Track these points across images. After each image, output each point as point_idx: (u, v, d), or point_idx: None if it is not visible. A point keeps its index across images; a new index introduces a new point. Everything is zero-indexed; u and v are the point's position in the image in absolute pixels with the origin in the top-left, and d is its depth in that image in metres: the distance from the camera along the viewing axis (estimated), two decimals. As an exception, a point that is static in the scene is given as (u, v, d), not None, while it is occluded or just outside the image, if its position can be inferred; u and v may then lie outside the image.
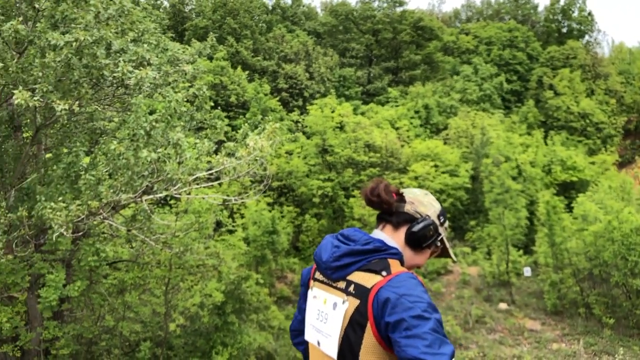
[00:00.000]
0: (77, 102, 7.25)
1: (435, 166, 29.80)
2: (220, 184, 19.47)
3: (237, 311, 13.37)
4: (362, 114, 35.46)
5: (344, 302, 1.96)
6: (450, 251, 2.25)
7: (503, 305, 22.34)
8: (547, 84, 43.28)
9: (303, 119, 31.52)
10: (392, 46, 46.64)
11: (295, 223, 26.08)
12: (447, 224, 2.24)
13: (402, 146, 31.24)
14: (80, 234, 9.50)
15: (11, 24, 6.58)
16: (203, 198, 9.86)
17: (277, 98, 33.99)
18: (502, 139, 31.96)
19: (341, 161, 27.79)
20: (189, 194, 10.28)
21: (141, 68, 7.25)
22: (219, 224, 16.82)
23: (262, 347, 14.77)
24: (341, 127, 29.64)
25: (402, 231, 2.12)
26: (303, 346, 2.35)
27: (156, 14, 17.92)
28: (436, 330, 1.77)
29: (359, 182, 27.16)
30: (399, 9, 48.57)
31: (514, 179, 27.18)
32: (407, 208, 2.14)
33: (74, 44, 6.69)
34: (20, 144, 9.55)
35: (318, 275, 2.13)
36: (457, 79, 43.19)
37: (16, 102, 6.54)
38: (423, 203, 2.18)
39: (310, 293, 2.16)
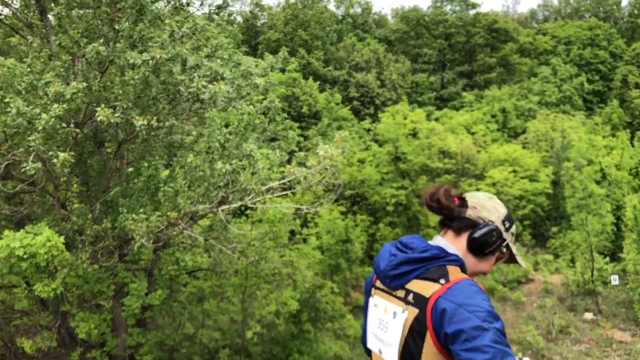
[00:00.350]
0: (155, 118, 7.57)
1: (514, 171, 28.87)
2: (294, 194, 19.73)
3: (312, 320, 13.45)
4: (436, 119, 34.96)
5: (403, 311, 1.92)
6: (518, 257, 2.17)
7: (589, 315, 21.28)
8: (633, 82, 41.13)
9: (375, 127, 31.42)
10: (466, 50, 45.78)
11: (369, 232, 25.98)
12: (513, 229, 2.16)
13: (479, 151, 30.51)
14: (160, 244, 9.87)
15: (93, 46, 6.97)
16: (277, 207, 10.03)
17: (349, 107, 34.09)
18: (584, 142, 30.59)
19: (415, 168, 27.47)
20: (264, 203, 10.47)
21: (214, 83, 7.48)
22: (293, 233, 17.02)
23: (338, 356, 14.76)
24: (414, 134, 29.32)
25: (464, 237, 2.05)
26: None
27: (230, 29, 18.44)
28: (497, 341, 1.71)
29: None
30: (471, 12, 47.65)
31: (597, 183, 25.93)
32: (469, 213, 2.08)
33: (150, 62, 6.99)
34: (104, 159, 10.04)
35: (378, 283, 2.10)
36: (535, 80, 41.80)
37: (99, 119, 6.91)
38: (486, 208, 2.11)
39: (371, 301, 2.14)
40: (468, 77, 44.93)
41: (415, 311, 1.87)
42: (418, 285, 1.91)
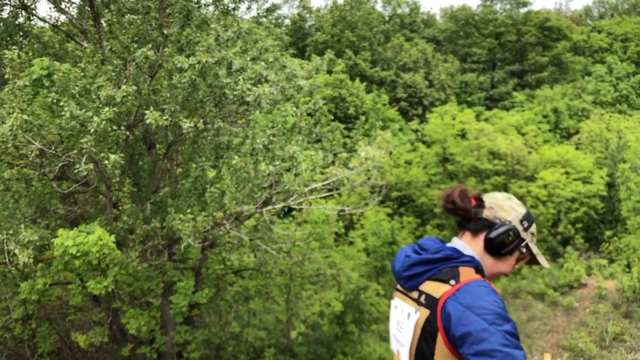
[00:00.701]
0: (202, 120, 7.74)
1: (566, 173, 28.07)
2: (340, 195, 19.76)
3: (356, 321, 13.44)
4: (486, 120, 34.33)
5: (416, 312, 1.95)
6: (540, 257, 2.16)
7: (645, 323, 20.52)
8: (695, 80, 39.44)
9: (422, 128, 31.13)
10: (517, 49, 44.80)
11: (416, 234, 25.74)
12: (533, 228, 2.16)
13: (529, 153, 29.79)
14: (207, 243, 10.08)
15: (142, 51, 7.19)
16: (319, 208, 10.10)
17: (396, 108, 33.89)
18: (642, 142, 29.49)
19: (463, 170, 27.08)
20: (308, 205, 10.56)
21: (259, 85, 7.61)
22: (339, 235, 17.06)
23: (383, 358, 14.71)
24: (463, 135, 28.90)
25: (481, 238, 2.06)
26: None
27: (277, 32, 18.64)
28: (506, 344, 1.71)
29: (483, 192, 26.23)
30: (522, 10, 46.58)
31: (656, 185, 24.97)
32: (486, 214, 2.08)
33: (197, 65, 7.16)
34: (154, 160, 10.32)
35: (398, 286, 2.14)
36: (589, 79, 40.55)
37: (147, 121, 7.12)
38: (503, 207, 2.11)
39: (392, 303, 2.17)
40: (519, 77, 43.95)
41: (426, 312, 1.90)
42: (430, 287, 1.93)
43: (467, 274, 1.93)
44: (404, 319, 2.02)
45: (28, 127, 7.59)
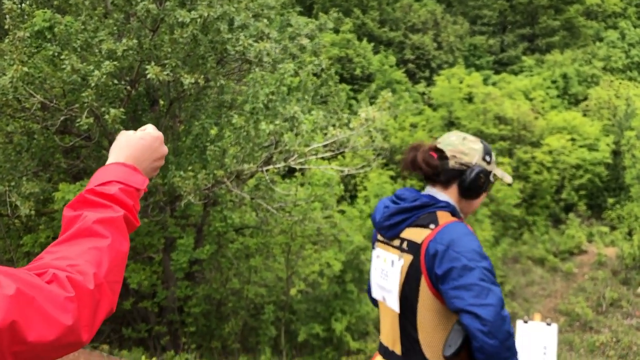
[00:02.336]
0: (203, 76, 7.68)
1: (572, 140, 27.91)
2: (344, 157, 19.73)
3: (356, 280, 13.59)
4: (494, 84, 33.95)
5: (399, 259, 2.04)
6: (506, 177, 2.22)
7: (643, 290, 20.70)
8: None
9: (430, 91, 30.85)
10: (528, 11, 43.94)
11: (419, 196, 25.78)
12: (493, 155, 2.21)
13: (536, 118, 29.57)
14: (209, 201, 10.14)
15: (144, 4, 7.09)
16: (319, 169, 10.11)
17: (403, 70, 33.50)
18: (650, 110, 29.18)
19: (469, 134, 26.95)
20: (309, 165, 10.56)
21: (259, 42, 7.52)
22: (342, 197, 17.09)
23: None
24: (469, 99, 28.66)
25: (454, 187, 2.12)
26: None
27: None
28: (483, 279, 1.79)
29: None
30: (536, -28, 45.58)
31: (662, 154, 24.82)
32: (452, 164, 2.12)
33: (198, 20, 7.07)
34: (157, 117, 10.29)
35: (379, 236, 2.23)
36: (601, 45, 39.87)
37: (148, 76, 7.08)
38: (464, 152, 2.14)
39: (373, 253, 2.27)
40: (529, 41, 43.25)
41: (409, 258, 1.99)
42: (410, 233, 2.02)
43: (444, 217, 2.01)
44: (387, 267, 2.10)
45: (29, 79, 7.55)
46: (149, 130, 1.52)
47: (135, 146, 1.44)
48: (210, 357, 10.97)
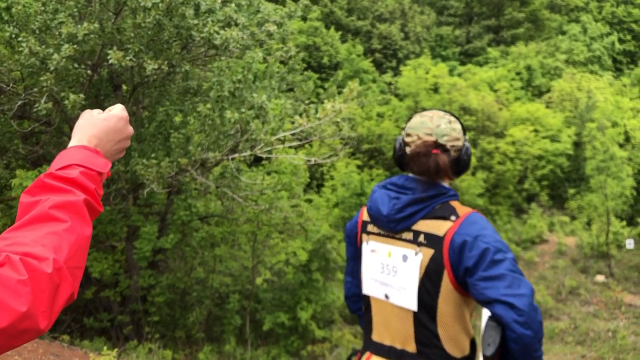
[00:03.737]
0: (166, 62, 7.52)
1: (535, 131, 28.43)
2: (311, 146, 19.68)
3: (322, 269, 13.61)
4: (459, 75, 34.28)
5: (416, 253, 1.94)
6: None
7: (600, 278, 21.27)
8: (666, 43, 39.80)
9: (396, 81, 30.97)
10: (494, 3, 44.41)
11: (385, 186, 25.93)
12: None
13: (500, 109, 30.00)
14: (172, 188, 9.98)
15: (106, -14, 6.88)
16: (286, 158, 10.04)
17: (371, 59, 33.54)
18: (610, 103, 29.88)
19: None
20: (276, 154, 10.49)
21: (227, 29, 7.38)
22: (309, 186, 17.08)
23: (346, 306, 15.00)
24: (435, 89, 28.88)
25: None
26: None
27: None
28: (513, 270, 1.78)
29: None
30: (502, -36, 46.05)
31: (620, 145, 25.45)
32: (453, 155, 2.09)
33: (161, 4, 6.90)
34: (120, 102, 10.06)
35: (372, 228, 2.10)
36: (563, 38, 40.61)
37: (110, 61, 6.89)
38: (457, 138, 2.12)
39: (365, 247, 2.14)
40: (495, 32, 43.77)
41: (430, 252, 1.91)
42: (427, 225, 1.94)
43: (460, 208, 1.96)
44: (395, 262, 2.00)
45: (-15, 62, 7.28)
46: (115, 112, 1.44)
47: (98, 128, 1.37)
48: (174, 346, 10.86)
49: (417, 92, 27.71)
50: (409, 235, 1.96)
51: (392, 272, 2.01)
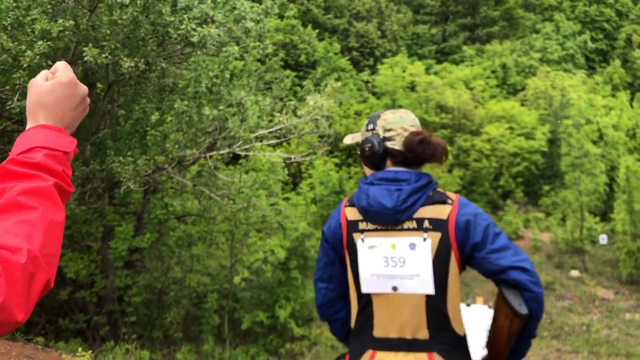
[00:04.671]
0: (143, 60, 7.42)
1: (510, 128, 28.77)
2: (288, 144, 19.64)
3: (300, 267, 13.60)
4: (435, 73, 34.51)
5: (425, 239, 2.00)
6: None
7: (574, 273, 21.63)
8: (637, 42, 40.52)
9: (373, 79, 31.07)
10: (469, 2, 44.78)
11: (363, 184, 26.02)
12: None
13: (476, 107, 30.29)
14: (148, 187, 9.88)
15: (80, -18, 6.77)
16: (264, 156, 10.00)
17: (348, 57, 33.58)
18: (584, 101, 30.37)
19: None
20: (257, 151, 10.43)
21: (204, 26, 7.32)
22: (287, 184, 17.05)
23: (319, 314, 14.99)
24: (412, 88, 29.05)
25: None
26: (344, 311, 2.31)
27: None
28: (510, 239, 1.98)
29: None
30: (477, -37, 46.43)
31: (594, 142, 25.91)
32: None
33: (138, 1, 6.81)
34: (95, 101, 9.91)
35: (365, 225, 2.09)
36: (537, 37, 41.15)
37: (85, 58, 6.78)
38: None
39: (361, 246, 2.10)
40: (470, 30, 44.16)
41: (437, 235, 2.00)
42: (428, 211, 2.02)
43: (447, 192, 2.09)
44: (402, 252, 2.03)
45: (-45, 59, 7.10)
46: (59, 76, 1.29)
47: (49, 101, 1.26)
48: (152, 347, 10.75)
49: (394, 91, 27.85)
50: (412, 224, 2.01)
51: (399, 263, 2.03)
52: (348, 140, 2.38)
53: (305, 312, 14.28)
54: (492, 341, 2.07)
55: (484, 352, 2.14)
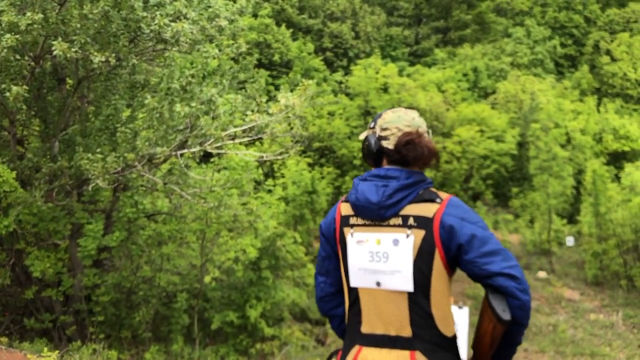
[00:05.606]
0: (114, 55, 7.32)
1: (481, 131, 29.13)
2: (261, 143, 19.57)
3: (272, 267, 13.56)
4: (408, 75, 34.76)
5: (408, 236, 2.01)
6: None
7: (542, 274, 22.01)
8: (604, 49, 41.37)
9: (346, 80, 31.15)
10: (443, 5, 45.24)
11: (335, 184, 26.10)
12: None
13: (448, 110, 30.61)
14: (118, 185, 9.74)
15: (50, -25, 6.64)
16: (237, 154, 9.93)
17: (321, 58, 33.62)
18: (553, 105, 30.91)
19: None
20: (229, 150, 10.36)
21: (177, 22, 7.25)
22: (259, 183, 17.00)
23: (296, 303, 15.00)
24: (385, 89, 29.20)
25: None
26: (342, 308, 2.32)
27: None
28: (500, 244, 1.95)
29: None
30: (450, -33, 46.91)
31: (562, 146, 26.40)
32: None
33: (110, -4, 6.72)
34: (64, 96, 9.74)
35: (356, 220, 2.13)
36: (508, 41, 41.75)
37: (54, 52, 6.65)
38: (426, 131, 2.26)
39: (350, 240, 2.14)
40: (443, 33, 44.60)
41: (421, 233, 1.99)
42: (415, 209, 2.02)
43: (440, 192, 2.08)
44: (386, 248, 2.04)
45: None
46: None
47: None
48: (120, 346, 10.60)
49: (367, 92, 27.97)
50: (397, 221, 2.03)
51: (382, 259, 2.04)
52: (361, 137, 2.37)
53: (276, 312, 14.25)
54: (477, 344, 2.08)
55: (471, 352, 2.15)
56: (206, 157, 13.84)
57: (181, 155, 8.45)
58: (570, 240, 23.45)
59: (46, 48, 8.51)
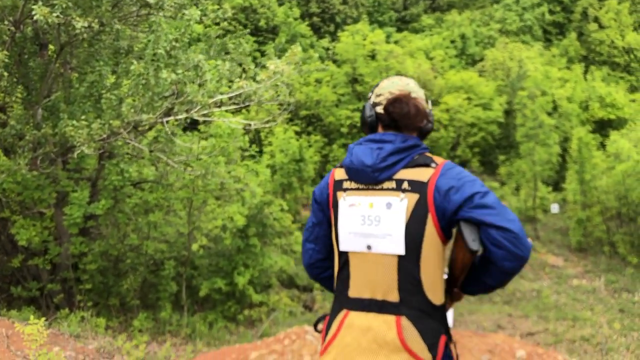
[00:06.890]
0: (97, 20, 7.15)
1: (468, 99, 29.11)
2: (248, 110, 19.41)
3: (259, 235, 13.60)
4: (396, 42, 34.49)
5: (402, 199, 2.00)
6: None
7: (527, 241, 22.30)
8: (592, 16, 41.22)
9: (334, 47, 30.83)
10: (431, -30, 44.67)
11: (323, 152, 26.07)
12: None
13: (435, 77, 30.49)
14: (103, 152, 9.64)
15: (28, -64, 6.43)
16: (223, 122, 9.83)
17: (308, 23, 33.19)
18: (540, 73, 30.88)
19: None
20: (216, 117, 10.25)
21: (160, -15, 7.08)
22: (246, 150, 16.93)
23: (284, 270, 15.11)
24: (373, 56, 28.97)
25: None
26: (329, 272, 2.33)
27: None
28: (498, 200, 1.93)
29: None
30: None
31: (548, 114, 26.48)
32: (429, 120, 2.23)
33: (91, -43, 6.53)
34: (46, 63, 9.54)
35: (349, 184, 2.13)
36: (497, 7, 41.44)
37: (35, 17, 6.49)
38: (424, 99, 2.25)
39: (342, 204, 2.13)
40: (431, -1, 44.15)
41: (415, 196, 1.98)
42: (409, 173, 2.02)
43: (435, 157, 2.07)
44: (379, 211, 2.03)
45: None
46: None
47: None
48: (108, 314, 10.64)
49: (354, 59, 27.73)
50: (391, 184, 2.02)
51: (374, 222, 2.04)
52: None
53: (264, 279, 14.35)
54: (451, 267, 2.11)
55: (447, 270, 2.16)
56: (192, 125, 13.70)
57: (167, 122, 8.35)
58: (555, 208, 23.71)
59: (26, 12, 8.30)
